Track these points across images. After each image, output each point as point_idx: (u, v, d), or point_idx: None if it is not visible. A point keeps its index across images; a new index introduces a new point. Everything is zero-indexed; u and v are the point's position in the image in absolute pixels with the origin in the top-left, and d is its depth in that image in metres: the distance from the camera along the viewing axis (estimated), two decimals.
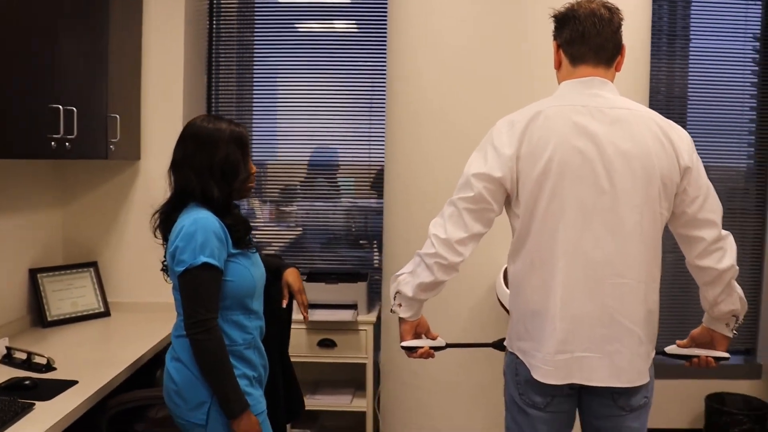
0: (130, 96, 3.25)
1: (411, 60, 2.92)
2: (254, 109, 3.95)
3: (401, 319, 2.02)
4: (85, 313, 3.14)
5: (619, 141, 1.81)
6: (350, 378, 3.65)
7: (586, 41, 1.90)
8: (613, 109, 1.85)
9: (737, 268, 1.92)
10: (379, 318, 3.44)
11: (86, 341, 2.87)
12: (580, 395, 1.92)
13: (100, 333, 3.01)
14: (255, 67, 3.93)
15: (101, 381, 2.28)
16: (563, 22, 1.94)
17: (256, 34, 3.90)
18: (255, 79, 3.93)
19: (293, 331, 2.58)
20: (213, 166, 2.04)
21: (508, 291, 2.23)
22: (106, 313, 3.22)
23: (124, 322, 3.15)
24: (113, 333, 3.03)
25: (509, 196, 1.90)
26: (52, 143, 2.46)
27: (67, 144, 2.54)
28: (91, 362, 2.52)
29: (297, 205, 3.96)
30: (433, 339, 2.08)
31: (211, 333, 1.92)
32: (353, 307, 3.43)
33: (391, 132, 3.12)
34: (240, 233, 2.06)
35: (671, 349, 2.08)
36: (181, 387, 2.00)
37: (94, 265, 3.29)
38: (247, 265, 2.06)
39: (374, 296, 3.69)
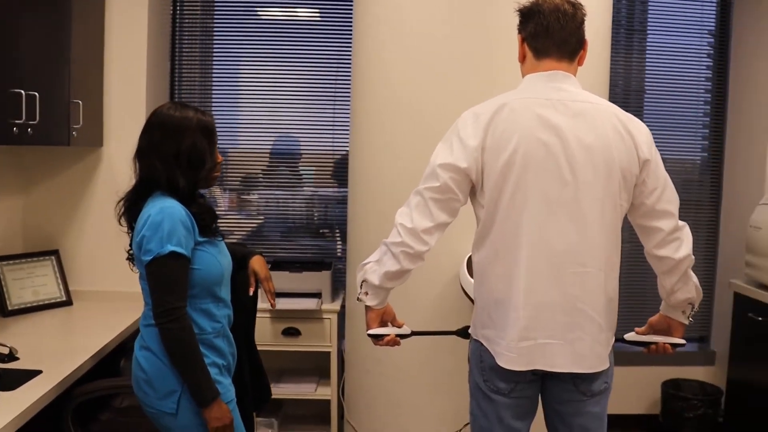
0: (93, 82, 3.21)
1: (376, 49, 2.94)
2: (216, 96, 3.91)
3: (368, 308, 2.05)
4: (46, 302, 3.10)
5: (582, 134, 1.86)
6: (314, 366, 3.67)
7: (550, 35, 1.93)
8: (576, 103, 1.90)
9: (693, 257, 1.99)
10: (343, 306, 3.47)
11: (49, 330, 2.84)
12: (542, 381, 1.97)
13: (63, 322, 2.98)
14: (217, 54, 3.90)
15: (66, 370, 2.26)
16: (528, 16, 1.97)
17: (218, 21, 3.86)
18: (217, 67, 3.90)
19: (258, 319, 2.59)
20: (179, 155, 2.03)
21: (471, 280, 2.27)
22: (68, 302, 3.18)
23: (87, 311, 3.11)
24: (76, 322, 3.00)
25: (474, 187, 1.94)
26: (14, 129, 2.41)
27: (29, 130, 2.50)
28: (54, 351, 2.49)
29: (258, 194, 3.95)
30: (399, 327, 2.11)
31: (181, 322, 1.92)
32: (317, 295, 3.45)
33: (356, 121, 3.13)
34: (206, 221, 2.06)
35: (630, 336, 2.14)
36: (151, 376, 2.00)
37: (55, 253, 3.25)
38: (214, 253, 2.07)
39: (338, 285, 3.71)
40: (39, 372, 2.23)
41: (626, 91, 4.02)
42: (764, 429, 3.26)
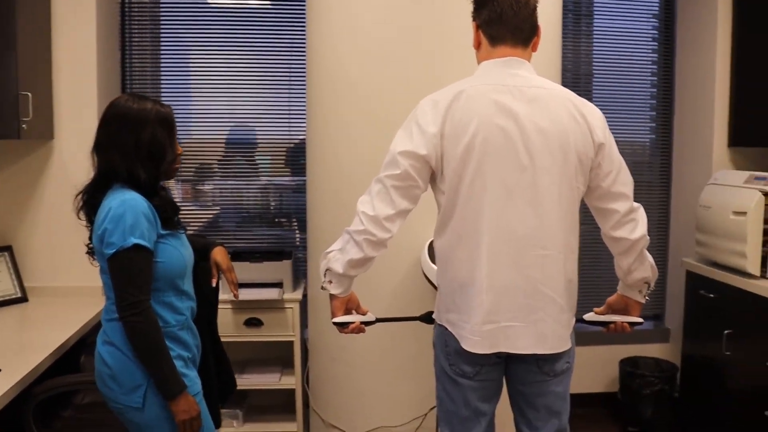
0: (42, 73, 3.14)
1: (329, 36, 2.92)
2: (168, 86, 3.85)
3: (332, 296, 2.06)
4: (1, 299, 3.04)
5: (538, 119, 1.89)
6: (278, 356, 3.66)
7: (504, 22, 1.95)
8: (531, 88, 1.92)
9: (648, 237, 2.04)
10: (305, 296, 3.46)
11: (5, 327, 2.78)
12: (506, 363, 2.01)
13: (19, 319, 2.92)
14: (168, 43, 3.83)
15: (25, 368, 2.22)
16: (482, 3, 1.99)
17: (168, 9, 3.79)
18: (168, 56, 3.84)
19: (219, 311, 2.57)
20: (139, 148, 2.00)
21: (433, 266, 2.30)
22: (23, 299, 3.12)
23: (44, 308, 3.06)
24: (33, 319, 2.95)
25: (434, 173, 1.95)
26: None
27: None
28: (12, 349, 2.45)
29: (213, 184, 3.91)
30: (364, 314, 2.12)
31: (145, 315, 1.90)
32: (279, 285, 3.44)
33: (311, 108, 3.12)
34: (168, 214, 2.04)
35: (589, 316, 2.18)
36: (115, 371, 1.98)
37: (8, 249, 3.18)
38: (176, 245, 2.05)
39: (299, 274, 3.71)
40: None
41: (575, 75, 4.07)
42: (717, 402, 3.37)
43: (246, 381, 3.46)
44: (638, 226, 2.01)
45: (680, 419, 3.74)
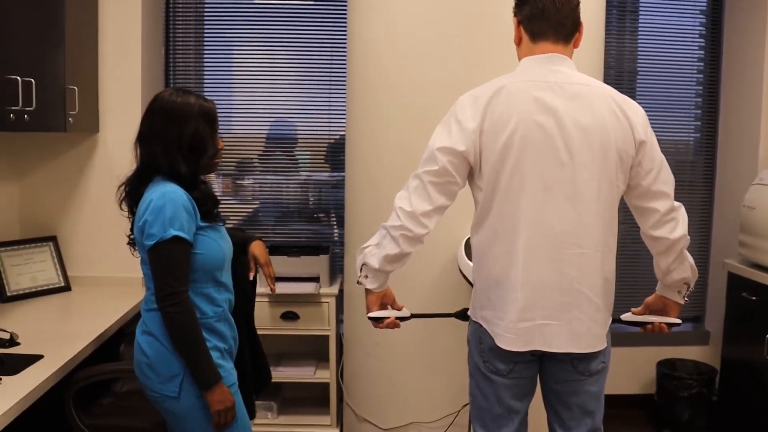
0: (88, 68, 3.21)
1: (370, 33, 2.94)
2: (210, 81, 3.90)
3: (368, 291, 2.07)
4: (45, 288, 3.12)
5: (579, 116, 1.87)
6: (313, 350, 3.68)
7: (546, 18, 1.94)
8: (573, 85, 1.91)
9: (689, 237, 2.01)
10: (341, 291, 3.48)
11: (48, 316, 2.85)
12: (541, 361, 2.00)
13: (62, 307, 2.99)
14: (211, 39, 3.88)
15: (67, 355, 2.27)
16: None
17: (211, 5, 3.84)
18: (211, 52, 3.89)
19: (256, 304, 2.60)
20: (181, 142, 2.03)
21: (469, 263, 2.29)
22: (66, 288, 3.20)
23: (86, 297, 3.13)
24: (75, 307, 3.02)
25: (472, 170, 1.95)
26: (11, 115, 2.42)
27: (25, 116, 2.50)
28: (55, 337, 2.51)
29: (253, 179, 3.95)
30: (399, 310, 2.13)
31: (183, 305, 1.93)
32: (315, 279, 3.46)
33: (351, 105, 3.14)
34: (208, 206, 2.07)
35: (626, 316, 2.16)
36: (153, 360, 2.01)
37: (53, 239, 3.25)
38: (215, 237, 2.08)
39: (336, 269, 3.73)
40: (40, 357, 2.25)
41: (619, 73, 4.02)
42: (757, 407, 3.31)
43: (281, 374, 3.49)
44: (678, 226, 1.98)
45: (718, 423, 3.67)
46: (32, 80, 2.51)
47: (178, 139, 2.03)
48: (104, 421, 2.47)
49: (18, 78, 2.44)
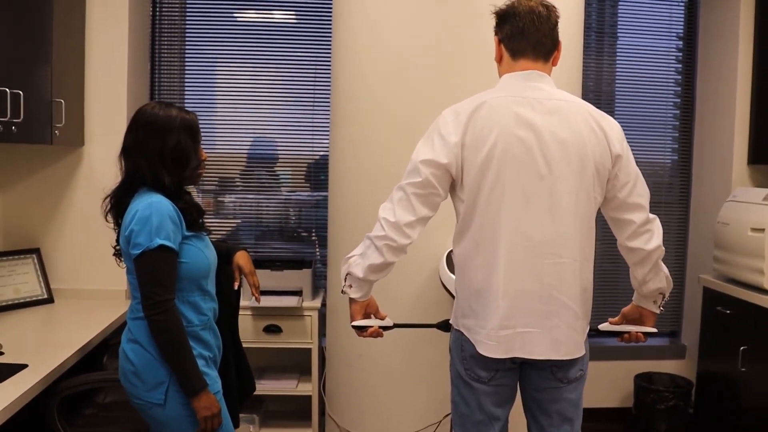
0: (74, 81, 3.23)
1: (354, 53, 2.99)
2: (193, 98, 3.93)
3: (352, 300, 2.10)
4: (28, 300, 3.12)
5: (557, 130, 1.93)
6: (295, 363, 3.71)
7: (525, 36, 2.01)
8: (551, 101, 1.97)
9: (663, 248, 2.07)
10: (323, 305, 3.51)
11: (32, 327, 2.85)
12: (521, 369, 2.04)
13: (45, 319, 2.99)
14: (194, 56, 3.91)
15: (51, 365, 2.27)
16: (504, 18, 2.05)
17: (195, 23, 3.88)
18: (194, 69, 3.92)
19: (239, 317, 2.62)
20: (164, 154, 2.07)
21: (451, 275, 2.34)
22: (49, 300, 3.20)
23: (69, 309, 3.13)
24: (59, 319, 3.01)
25: (454, 182, 2.00)
26: None
27: (13, 128, 2.52)
28: (39, 347, 2.51)
29: (234, 197, 3.97)
30: (382, 319, 2.17)
31: (170, 313, 1.96)
32: (298, 293, 3.49)
33: (335, 124, 3.18)
34: (193, 216, 2.10)
35: (604, 326, 2.21)
36: (139, 368, 2.03)
37: (36, 251, 3.26)
38: (201, 247, 2.11)
39: (318, 284, 3.76)
40: (25, 366, 2.25)
41: (597, 95, 4.09)
42: (732, 419, 3.37)
43: (263, 386, 3.50)
44: (654, 237, 2.04)
45: None
46: (20, 92, 2.54)
47: (160, 151, 2.06)
48: (87, 430, 2.48)
49: (7, 90, 2.47)
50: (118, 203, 2.13)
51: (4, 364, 2.27)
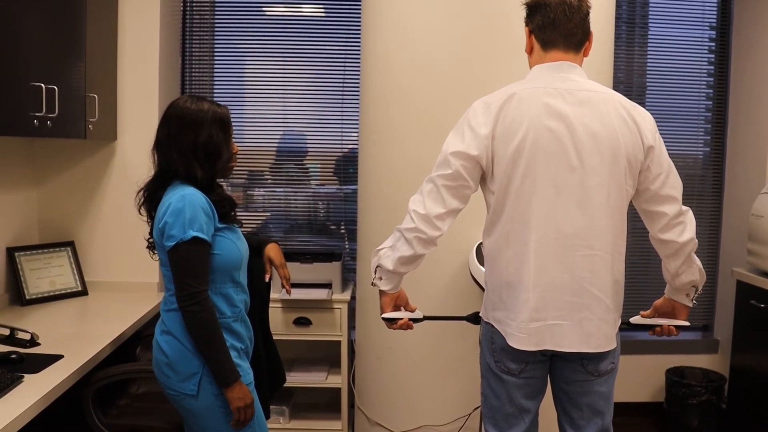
0: (107, 77, 3.28)
1: (383, 47, 3.00)
2: (223, 92, 3.95)
3: (382, 292, 2.11)
4: (63, 292, 3.18)
5: (588, 121, 1.92)
6: (325, 355, 3.73)
7: (556, 27, 1.99)
8: (582, 92, 1.96)
9: (696, 241, 2.05)
10: (353, 298, 3.53)
11: (67, 318, 2.91)
12: (551, 361, 2.04)
13: (80, 311, 3.05)
14: (223, 51, 3.94)
15: (86, 355, 2.33)
16: (535, 9, 2.03)
17: (225, 18, 3.91)
18: (224, 63, 3.95)
19: (270, 309, 2.64)
20: (196, 148, 2.09)
21: (481, 267, 2.34)
22: (83, 292, 3.26)
23: (103, 301, 3.19)
24: (93, 311, 3.07)
25: (484, 174, 2.00)
26: (35, 121, 2.48)
27: (48, 122, 2.57)
28: (74, 338, 2.56)
29: (264, 190, 4.00)
30: (412, 311, 2.18)
31: (203, 305, 1.98)
32: (328, 286, 3.51)
33: (364, 118, 3.19)
34: (225, 208, 2.13)
35: (635, 319, 2.20)
36: (172, 359, 2.06)
37: (71, 244, 3.32)
38: (233, 239, 2.13)
39: (348, 276, 3.78)
40: (61, 356, 2.30)
41: (628, 87, 4.05)
42: (766, 414, 3.32)
43: (293, 379, 3.52)
44: (687, 229, 2.02)
45: (727, 431, 3.68)
46: (55, 87, 2.58)
47: (193, 144, 2.08)
48: (121, 420, 2.52)
49: (42, 85, 2.51)
50: (152, 196, 2.16)
51: (40, 354, 2.33)
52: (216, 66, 3.95)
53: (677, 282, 2.10)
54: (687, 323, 2.15)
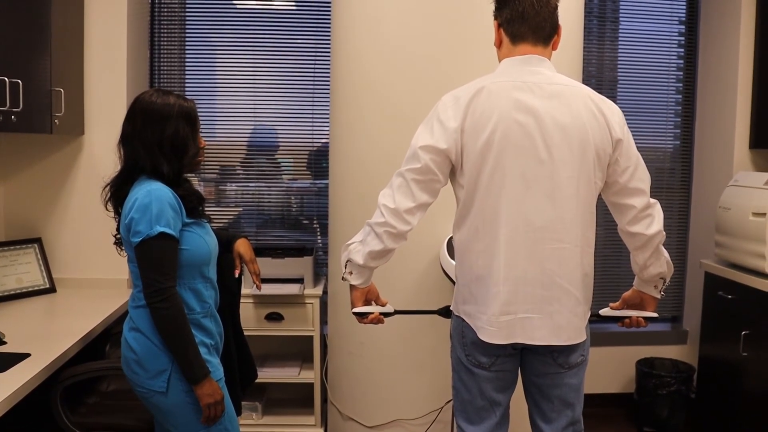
0: (74, 70, 3.22)
1: (354, 40, 2.98)
2: (193, 86, 3.92)
3: (352, 287, 2.11)
4: (30, 289, 3.13)
5: (557, 115, 1.92)
6: (297, 350, 3.71)
7: (525, 21, 1.99)
8: (552, 85, 1.96)
9: (664, 233, 2.06)
10: (325, 293, 3.52)
11: (34, 316, 2.86)
12: (522, 355, 2.05)
13: (48, 308, 3.00)
14: (194, 43, 3.90)
15: (53, 354, 2.29)
16: (503, 2, 2.03)
17: (194, 10, 3.86)
18: (194, 57, 3.91)
19: (241, 305, 2.62)
20: (162, 142, 2.07)
21: (452, 261, 2.34)
22: (51, 289, 3.21)
23: (71, 298, 3.14)
24: (61, 308, 3.02)
25: (454, 168, 2.00)
26: None
27: (13, 117, 2.52)
28: (41, 336, 2.52)
29: (235, 186, 3.97)
30: (383, 305, 2.17)
31: (171, 301, 1.96)
32: (300, 281, 3.49)
33: (335, 112, 3.17)
34: (193, 203, 2.10)
35: (605, 311, 2.22)
36: (141, 356, 2.04)
37: (38, 241, 3.26)
38: (201, 234, 2.11)
39: (320, 270, 3.76)
40: (27, 355, 2.26)
41: (599, 80, 4.08)
42: (734, 403, 3.38)
43: (266, 374, 3.51)
44: (654, 222, 2.03)
45: (696, 420, 3.74)
46: (19, 81, 2.53)
47: (159, 139, 2.06)
48: (91, 419, 2.48)
49: (5, 79, 2.46)
50: (118, 192, 2.13)
51: (6, 353, 2.28)
52: (186, 60, 3.91)
53: (645, 274, 2.12)
54: (655, 315, 2.17)
